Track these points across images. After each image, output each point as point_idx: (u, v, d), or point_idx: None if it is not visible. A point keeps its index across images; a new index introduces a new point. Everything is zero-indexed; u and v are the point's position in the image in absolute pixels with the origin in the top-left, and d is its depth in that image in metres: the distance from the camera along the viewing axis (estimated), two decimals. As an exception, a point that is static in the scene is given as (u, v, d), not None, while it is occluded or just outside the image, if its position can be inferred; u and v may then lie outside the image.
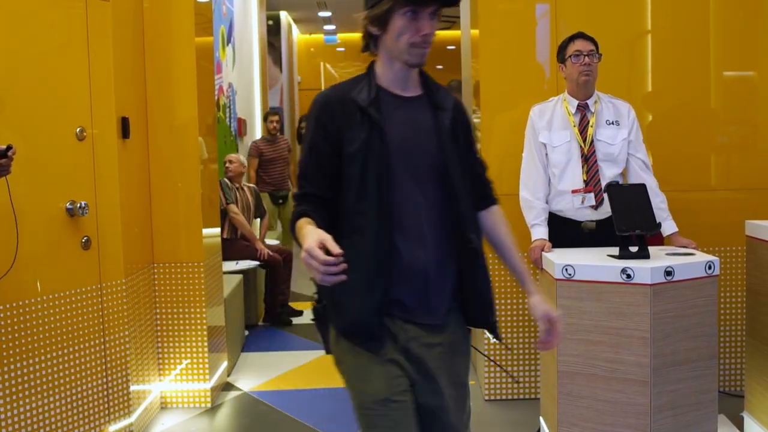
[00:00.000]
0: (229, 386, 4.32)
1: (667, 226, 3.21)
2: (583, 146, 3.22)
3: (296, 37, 13.17)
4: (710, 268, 2.75)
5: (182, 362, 3.91)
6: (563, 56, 3.25)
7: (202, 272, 3.86)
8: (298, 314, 6.03)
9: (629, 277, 2.65)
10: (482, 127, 3.91)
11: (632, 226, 2.76)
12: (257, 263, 5.61)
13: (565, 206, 3.25)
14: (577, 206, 3.22)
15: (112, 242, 3.32)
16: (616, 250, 2.82)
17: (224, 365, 4.33)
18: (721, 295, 3.81)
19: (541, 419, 3.21)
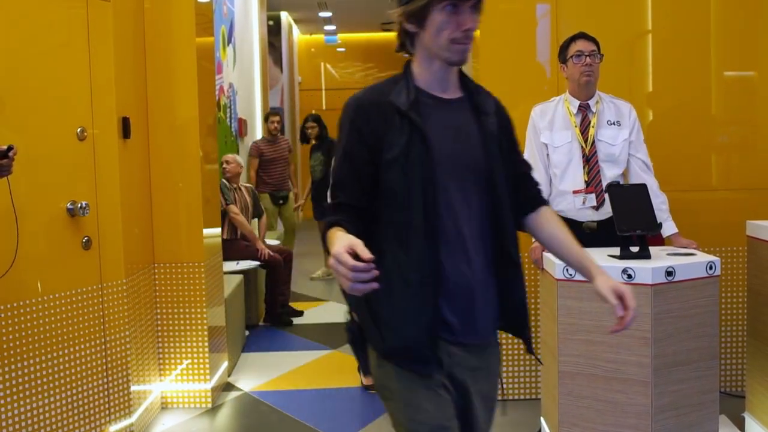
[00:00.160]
0: (229, 386, 4.32)
1: (667, 227, 3.21)
2: (584, 147, 3.22)
3: (297, 37, 13.17)
4: (711, 268, 2.75)
5: (183, 362, 3.91)
6: (565, 56, 3.25)
7: (202, 272, 3.85)
8: (298, 314, 6.03)
9: (630, 277, 2.65)
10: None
11: (633, 226, 2.76)
12: (258, 263, 5.60)
13: (566, 207, 3.24)
14: (578, 207, 3.22)
15: (112, 242, 3.32)
16: (617, 250, 2.81)
17: (225, 365, 4.33)
18: (722, 295, 3.80)
19: (542, 419, 3.21)
